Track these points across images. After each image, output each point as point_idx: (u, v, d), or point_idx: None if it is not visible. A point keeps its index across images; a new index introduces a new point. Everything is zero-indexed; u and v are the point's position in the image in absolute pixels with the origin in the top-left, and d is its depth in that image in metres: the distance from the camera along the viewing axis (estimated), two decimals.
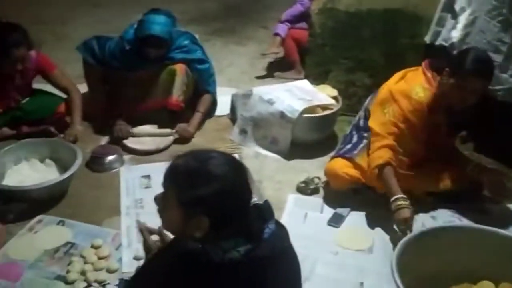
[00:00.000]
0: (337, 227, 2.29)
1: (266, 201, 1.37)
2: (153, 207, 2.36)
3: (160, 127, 3.03)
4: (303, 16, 3.78)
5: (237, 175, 1.24)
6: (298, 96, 2.83)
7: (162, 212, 1.27)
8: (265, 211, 1.32)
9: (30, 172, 2.50)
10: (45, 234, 2.19)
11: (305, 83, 3.02)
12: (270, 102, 2.79)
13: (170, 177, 1.24)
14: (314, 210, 2.41)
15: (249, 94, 2.95)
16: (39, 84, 3.03)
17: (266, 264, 1.22)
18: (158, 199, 1.29)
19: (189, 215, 1.19)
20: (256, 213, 1.29)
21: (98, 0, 5.40)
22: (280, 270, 1.26)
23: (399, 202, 2.11)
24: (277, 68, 4.01)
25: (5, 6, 4.42)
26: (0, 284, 1.91)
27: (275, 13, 5.22)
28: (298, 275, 1.36)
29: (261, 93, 2.87)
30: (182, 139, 2.95)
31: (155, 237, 1.59)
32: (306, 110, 2.74)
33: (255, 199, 1.33)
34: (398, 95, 2.26)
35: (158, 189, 2.55)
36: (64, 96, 2.98)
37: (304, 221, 2.33)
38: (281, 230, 1.34)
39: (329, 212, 2.39)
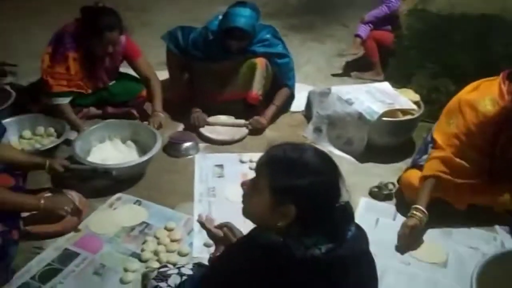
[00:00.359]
0: None
1: (348, 202, 1.35)
2: (224, 197, 2.44)
3: (235, 118, 3.08)
4: (388, 19, 3.68)
5: (331, 171, 1.24)
6: (378, 98, 2.76)
7: (248, 197, 1.29)
8: (348, 212, 1.31)
9: (113, 151, 2.63)
10: (123, 211, 2.30)
11: (386, 86, 2.93)
12: (349, 102, 2.75)
13: (267, 163, 1.25)
14: (386, 217, 2.35)
15: (327, 92, 2.92)
16: (125, 69, 3.17)
17: (346, 264, 1.21)
18: (246, 184, 1.30)
19: (278, 202, 1.20)
20: (341, 212, 1.28)
21: None
22: (359, 273, 1.25)
23: (414, 212, 2.14)
24: (355, 68, 3.94)
25: None
26: (81, 255, 2.03)
27: (356, 11, 5.11)
28: (376, 279, 1.33)
29: (339, 92, 2.83)
30: (255, 131, 2.98)
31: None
32: (385, 113, 2.67)
33: (345, 199, 1.31)
34: (465, 106, 2.16)
35: (230, 179, 2.64)
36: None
37: (375, 227, 2.28)
38: (361, 233, 1.32)
39: (402, 220, 2.31)
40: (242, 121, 3.03)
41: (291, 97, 3.17)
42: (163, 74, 3.29)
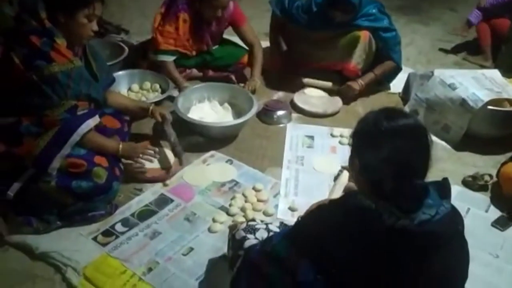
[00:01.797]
0: (502, 230, 2.13)
1: (445, 179, 1.34)
2: (311, 166, 2.48)
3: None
4: (507, 5, 3.43)
5: (417, 145, 1.23)
6: (485, 85, 2.61)
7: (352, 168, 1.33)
8: (443, 189, 1.29)
9: (210, 111, 2.76)
10: (215, 168, 2.42)
11: (495, 74, 2.77)
12: (452, 87, 2.63)
13: (355, 129, 1.31)
14: (478, 208, 2.26)
15: (429, 75, 2.81)
16: (228, 35, 3.28)
17: (437, 240, 1.20)
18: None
19: (362, 169, 1.25)
20: (433, 189, 1.27)
21: None
22: (449, 252, 1.23)
23: None
24: (461, 52, 3.76)
25: None
26: (175, 201, 2.18)
27: None
28: (467, 262, 1.31)
29: (443, 76, 2.72)
30: (347, 97, 2.98)
31: None
32: (491, 102, 2.53)
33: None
34: None
35: (319, 150, 2.65)
36: (247, 48, 3.20)
37: (465, 216, 2.20)
38: (456, 213, 1.30)
39: (495, 213, 2.23)
40: (330, 84, 3.04)
41: (395, 70, 3.10)
42: (264, 44, 3.37)
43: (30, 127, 1.84)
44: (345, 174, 1.81)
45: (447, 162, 2.56)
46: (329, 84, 3.06)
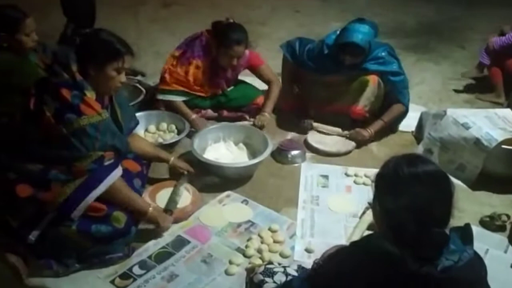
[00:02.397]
0: None
1: (467, 225, 1.34)
2: (327, 206, 2.48)
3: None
4: None
5: (439, 191, 1.24)
6: (498, 125, 2.63)
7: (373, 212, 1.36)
8: (466, 234, 1.29)
9: (225, 152, 2.80)
10: (231, 208, 2.44)
11: (508, 112, 2.78)
12: (465, 126, 2.65)
13: (377, 175, 1.33)
14: (497, 248, 2.24)
15: (442, 114, 2.84)
16: (242, 76, 3.36)
17: (460, 287, 1.20)
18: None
19: (383, 213, 1.27)
20: (455, 235, 1.27)
21: (300, 6, 5.71)
22: None
23: None
24: (473, 91, 3.79)
25: (221, 6, 5.01)
26: (192, 243, 2.19)
27: (475, 34, 4.94)
28: None
29: (456, 115, 2.74)
30: (357, 143, 3.00)
31: None
32: (505, 141, 2.54)
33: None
34: None
35: (334, 189, 2.66)
36: (262, 89, 3.27)
37: (484, 257, 2.14)
38: (479, 259, 1.30)
39: None
40: (340, 130, 3.07)
41: (403, 114, 3.13)
42: None
43: (59, 174, 1.89)
44: (370, 212, 1.82)
45: (463, 202, 2.54)
46: (338, 130, 3.08)
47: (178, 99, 3.04)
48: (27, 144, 1.91)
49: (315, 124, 3.13)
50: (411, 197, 1.22)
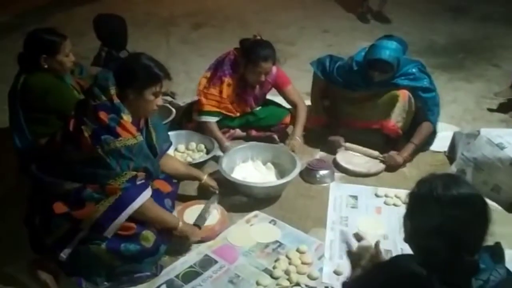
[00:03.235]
0: None
1: (498, 243, 1.30)
2: (356, 227, 2.44)
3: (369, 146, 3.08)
4: None
5: (474, 215, 1.21)
6: None
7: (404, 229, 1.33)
8: (495, 254, 1.25)
9: (254, 171, 2.80)
10: (259, 228, 2.43)
11: None
12: (500, 146, 2.58)
13: (411, 191, 1.31)
14: None
15: (476, 134, 2.77)
16: (271, 95, 3.38)
17: None
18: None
19: (414, 233, 1.25)
20: (486, 255, 1.24)
21: (328, 26, 5.72)
22: None
23: None
24: (508, 110, 3.69)
25: (251, 27, 5.07)
26: (219, 262, 2.18)
27: (508, 51, 4.83)
28: None
29: (490, 135, 2.67)
30: (390, 167, 2.94)
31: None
32: None
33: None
34: None
35: (364, 210, 2.62)
36: (290, 108, 3.27)
37: None
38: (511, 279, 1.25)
39: None
40: (376, 153, 3.01)
41: (433, 133, 3.07)
42: (307, 103, 3.44)
43: (93, 193, 1.93)
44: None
45: (499, 225, 2.40)
46: (372, 152, 3.03)
47: (213, 119, 3.07)
48: (65, 164, 1.97)
49: (347, 144, 3.09)
50: (445, 221, 1.19)
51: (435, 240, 1.19)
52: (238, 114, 3.17)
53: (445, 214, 1.19)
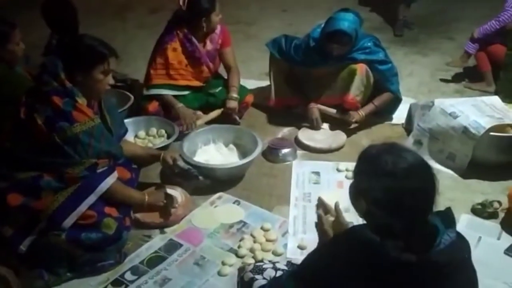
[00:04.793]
0: None
1: (448, 208, 1.34)
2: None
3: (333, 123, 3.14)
4: (499, 33, 3.50)
5: (420, 181, 1.23)
6: (486, 112, 2.63)
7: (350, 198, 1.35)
8: (446, 218, 1.29)
9: (216, 154, 2.79)
10: (223, 209, 2.43)
11: (495, 100, 2.79)
12: (453, 115, 2.65)
13: (358, 157, 1.33)
14: (489, 235, 2.24)
15: (430, 105, 2.84)
16: None
17: (442, 271, 1.20)
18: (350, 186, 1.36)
19: (358, 197, 1.29)
20: (437, 220, 1.28)
21: (287, 5, 5.71)
22: (457, 281, 1.23)
23: None
24: (462, 80, 3.80)
25: None
26: (184, 246, 2.19)
27: (462, 24, 4.95)
28: None
29: (443, 105, 2.74)
30: (348, 125, 3.04)
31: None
32: (494, 129, 2.54)
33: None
34: None
35: (326, 185, 2.66)
36: (250, 88, 3.28)
37: (477, 245, 2.17)
38: (462, 242, 1.30)
39: (507, 240, 2.20)
40: (334, 111, 3.10)
41: (395, 101, 3.16)
42: (265, 83, 3.45)
43: (52, 182, 1.90)
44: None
45: (455, 191, 2.56)
46: (333, 110, 3.11)
47: (164, 92, 3.06)
48: (18, 153, 1.92)
49: (320, 107, 3.13)
50: (392, 188, 1.21)
51: (389, 212, 1.21)
52: (196, 83, 3.14)
53: (393, 186, 1.21)
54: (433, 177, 1.26)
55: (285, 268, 1.63)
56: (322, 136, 3.05)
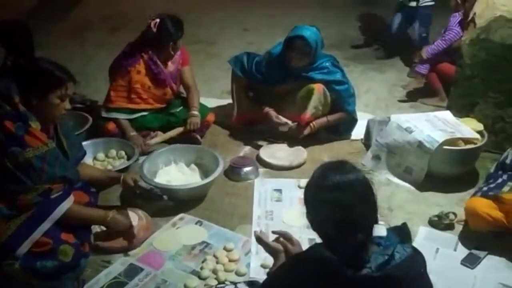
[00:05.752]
0: (471, 268, 2.16)
1: (404, 224, 1.38)
2: (281, 220, 2.49)
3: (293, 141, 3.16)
4: (446, 52, 3.67)
5: (351, 195, 1.27)
6: (439, 127, 2.73)
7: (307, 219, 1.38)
8: (402, 234, 1.33)
9: (177, 174, 2.77)
10: (185, 231, 2.41)
11: (447, 114, 2.90)
12: (408, 130, 2.74)
13: (305, 187, 1.36)
14: (446, 247, 2.30)
15: (386, 121, 2.92)
16: None
17: (399, 285, 1.22)
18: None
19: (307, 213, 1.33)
20: (392, 235, 1.31)
21: (248, 24, 5.78)
22: None
23: None
24: (417, 96, 3.94)
25: None
26: (145, 270, 2.14)
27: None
28: None
29: (399, 121, 2.83)
30: (295, 134, 3.09)
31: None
32: (446, 142, 2.63)
33: (381, 223, 1.35)
34: None
35: (288, 203, 2.68)
36: (211, 106, 3.30)
37: (434, 257, 2.24)
38: (418, 256, 1.34)
39: (463, 251, 2.27)
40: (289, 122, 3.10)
41: (351, 121, 3.23)
42: (227, 102, 3.48)
43: (3, 209, 1.83)
44: None
45: (412, 204, 2.62)
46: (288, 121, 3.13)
47: (123, 117, 3.02)
48: None
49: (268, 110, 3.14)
50: (331, 206, 1.25)
51: (329, 225, 1.25)
52: (157, 105, 3.12)
53: (331, 200, 1.26)
54: (368, 192, 1.31)
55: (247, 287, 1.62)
56: (283, 153, 3.08)
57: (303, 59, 2.99)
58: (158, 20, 2.96)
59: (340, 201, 1.25)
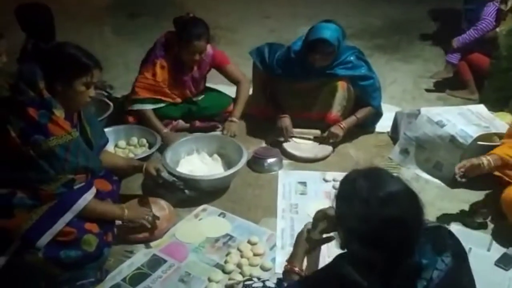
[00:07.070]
0: (506, 269, 2.07)
1: (438, 227, 1.28)
2: (306, 214, 2.43)
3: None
4: (478, 43, 3.53)
5: (393, 209, 1.13)
6: (472, 121, 2.63)
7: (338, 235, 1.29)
8: (437, 242, 1.22)
9: (200, 164, 2.71)
10: (208, 222, 2.35)
11: (481, 108, 2.79)
12: (440, 124, 2.64)
13: (339, 183, 1.26)
14: (479, 247, 2.21)
15: (416, 113, 2.82)
16: (212, 84, 3.30)
17: None
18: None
19: (339, 226, 1.22)
20: (427, 247, 1.21)
21: (269, 12, 5.68)
22: None
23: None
24: (445, 88, 3.81)
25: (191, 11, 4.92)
26: (168, 261, 2.10)
27: (444, 31, 4.98)
28: None
29: (430, 114, 2.73)
30: (332, 141, 2.94)
31: None
32: (480, 137, 2.53)
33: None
34: None
35: (313, 196, 2.61)
36: (233, 96, 3.21)
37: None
38: (458, 265, 1.23)
39: (498, 251, 2.18)
40: (318, 131, 3.01)
41: (376, 115, 3.11)
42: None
43: (25, 199, 1.79)
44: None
45: (443, 201, 2.54)
46: (316, 132, 3.02)
47: (148, 107, 2.96)
48: None
49: (294, 130, 3.03)
50: (375, 226, 1.11)
51: (370, 248, 1.12)
52: (179, 100, 3.07)
53: (374, 219, 1.11)
54: (417, 208, 1.16)
55: (276, 287, 1.56)
56: (308, 145, 3.00)
57: (327, 59, 2.85)
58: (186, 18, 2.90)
59: (378, 213, 1.10)
